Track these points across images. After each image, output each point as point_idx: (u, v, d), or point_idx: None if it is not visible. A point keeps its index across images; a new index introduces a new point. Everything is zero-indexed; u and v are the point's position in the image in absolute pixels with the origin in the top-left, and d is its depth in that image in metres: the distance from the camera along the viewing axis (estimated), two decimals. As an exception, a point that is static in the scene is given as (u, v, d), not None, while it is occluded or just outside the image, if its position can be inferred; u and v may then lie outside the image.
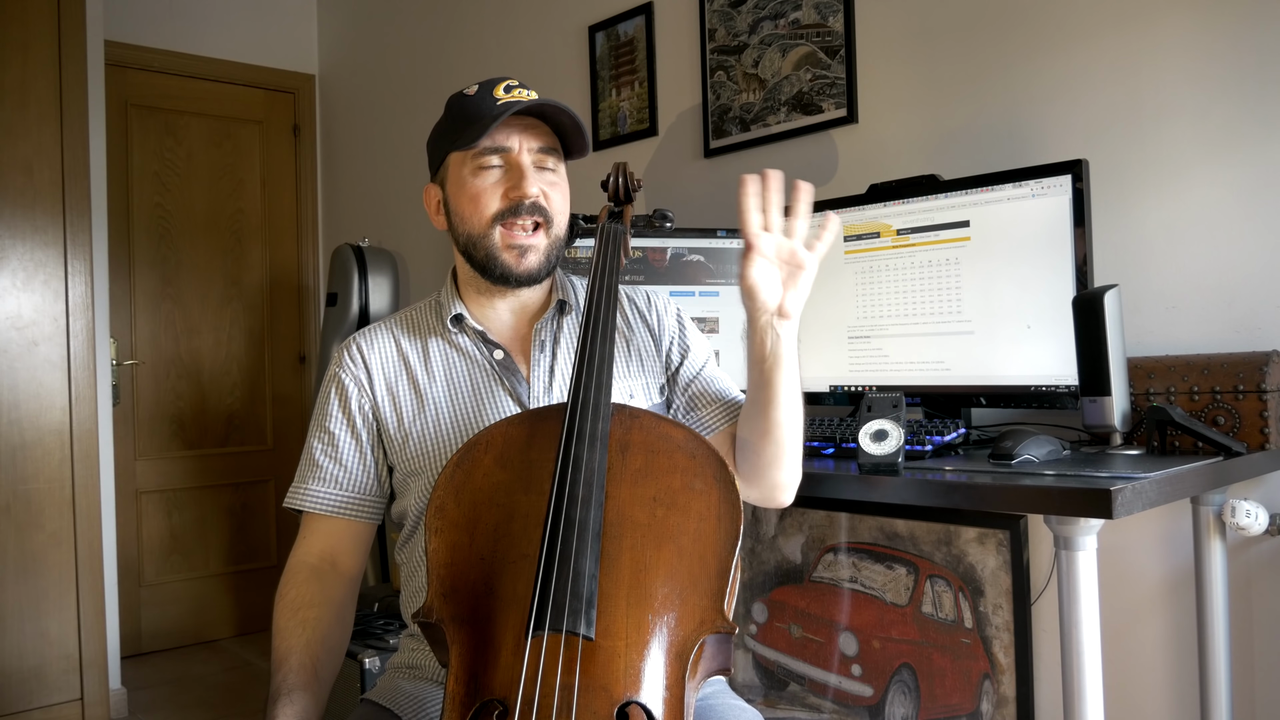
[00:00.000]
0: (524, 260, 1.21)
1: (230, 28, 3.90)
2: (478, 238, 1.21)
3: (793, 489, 1.20)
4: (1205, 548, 1.54)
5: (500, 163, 1.20)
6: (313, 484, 1.24)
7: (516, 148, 1.20)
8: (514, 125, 1.20)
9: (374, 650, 2.42)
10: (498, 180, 1.20)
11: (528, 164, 1.20)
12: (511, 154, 1.20)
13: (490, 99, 1.20)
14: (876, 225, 1.83)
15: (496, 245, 1.20)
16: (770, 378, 1.10)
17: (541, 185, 1.21)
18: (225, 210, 3.91)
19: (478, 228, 1.21)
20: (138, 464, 3.69)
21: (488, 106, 1.19)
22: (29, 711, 2.68)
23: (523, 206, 1.19)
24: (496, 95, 1.20)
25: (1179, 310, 1.66)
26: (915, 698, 1.90)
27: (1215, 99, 1.62)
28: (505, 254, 1.20)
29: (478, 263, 1.23)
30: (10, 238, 2.70)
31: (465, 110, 1.21)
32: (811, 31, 2.21)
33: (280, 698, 1.05)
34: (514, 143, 1.20)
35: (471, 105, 1.21)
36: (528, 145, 1.21)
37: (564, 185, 1.25)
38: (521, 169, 1.20)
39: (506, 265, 1.21)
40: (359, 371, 1.26)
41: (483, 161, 1.20)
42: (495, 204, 1.20)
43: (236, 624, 3.89)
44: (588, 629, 0.89)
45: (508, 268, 1.21)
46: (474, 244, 1.22)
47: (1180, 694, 1.65)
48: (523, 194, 1.19)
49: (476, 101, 1.21)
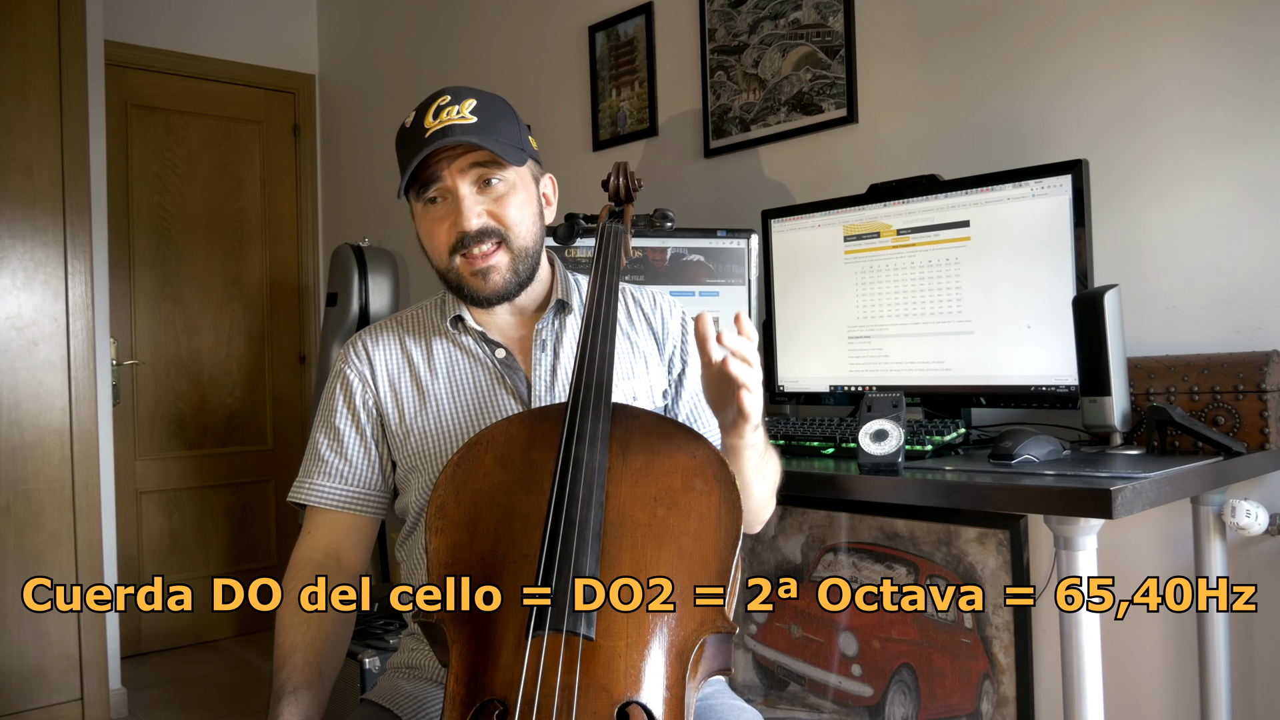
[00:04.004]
0: (488, 282, 1.20)
1: (230, 28, 3.90)
2: (444, 271, 1.23)
3: (760, 523, 1.21)
4: (1205, 548, 1.54)
5: (438, 195, 1.19)
6: (318, 479, 1.24)
7: (449, 178, 1.17)
8: (443, 153, 1.17)
9: (374, 650, 2.41)
10: (442, 214, 1.20)
11: (465, 192, 1.18)
12: (445, 184, 1.18)
13: (419, 131, 1.17)
14: (876, 225, 1.83)
15: (461, 275, 1.21)
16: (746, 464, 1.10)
17: (486, 206, 1.18)
18: (225, 210, 3.91)
19: (441, 261, 1.22)
20: (138, 464, 3.69)
21: (416, 141, 1.16)
22: (29, 711, 2.67)
23: (467, 238, 1.18)
24: (425, 125, 1.16)
25: (1179, 310, 1.66)
26: (915, 698, 1.90)
27: (1215, 99, 1.62)
28: (471, 280, 1.21)
29: (453, 289, 1.25)
30: (10, 238, 2.70)
31: (402, 147, 1.20)
32: (811, 31, 2.21)
33: (284, 696, 1.05)
34: (444, 173, 1.17)
35: (405, 141, 1.19)
36: (459, 168, 1.17)
37: (518, 191, 1.21)
38: (459, 200, 1.18)
39: (475, 289, 1.21)
40: (364, 367, 1.27)
41: (425, 197, 1.20)
42: (445, 238, 1.20)
43: (236, 624, 3.89)
44: (588, 629, 0.89)
45: (476, 291, 1.21)
46: (444, 276, 1.24)
47: (1180, 694, 1.65)
48: (462, 229, 1.18)
49: (410, 135, 1.18)
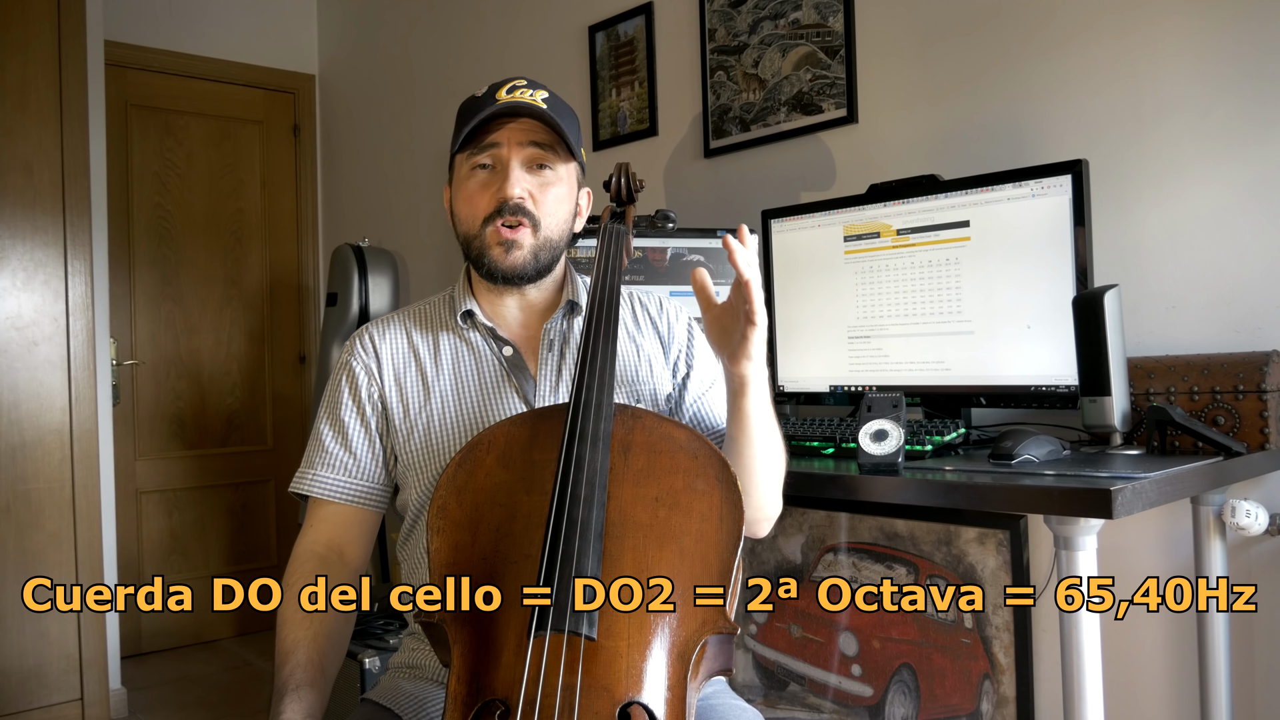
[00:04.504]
0: (509, 255, 1.20)
1: (230, 28, 3.90)
2: (472, 236, 1.22)
3: (769, 523, 1.21)
4: (1205, 548, 1.54)
5: (491, 162, 1.21)
6: (321, 470, 1.23)
7: (505, 146, 1.20)
8: (507, 124, 1.20)
9: (374, 650, 2.41)
10: (488, 180, 1.21)
11: (515, 163, 1.19)
12: (500, 151, 1.20)
13: (490, 100, 1.20)
14: (876, 225, 1.83)
15: (487, 242, 1.21)
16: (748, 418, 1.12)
17: (529, 185, 1.20)
18: (225, 210, 3.91)
19: (472, 227, 1.22)
20: (138, 464, 3.69)
21: (485, 107, 1.19)
22: (29, 711, 2.67)
23: (506, 207, 1.19)
24: (499, 97, 1.20)
25: (1179, 310, 1.66)
26: (915, 698, 1.90)
27: (1215, 99, 1.62)
28: (494, 250, 1.21)
29: (473, 259, 1.24)
30: (10, 238, 2.70)
31: (468, 111, 1.22)
32: (811, 31, 2.21)
33: (287, 694, 1.05)
34: (503, 142, 1.20)
35: (473, 106, 1.21)
36: (517, 142, 1.20)
37: (561, 185, 1.23)
38: (508, 168, 1.19)
39: (494, 260, 1.21)
40: (369, 360, 1.27)
41: (475, 161, 1.21)
42: (484, 204, 1.20)
43: (236, 624, 3.89)
44: (589, 629, 0.89)
45: (495, 262, 1.21)
46: (469, 242, 1.23)
47: (1180, 694, 1.65)
48: (505, 195, 1.18)
49: (479, 102, 1.21)
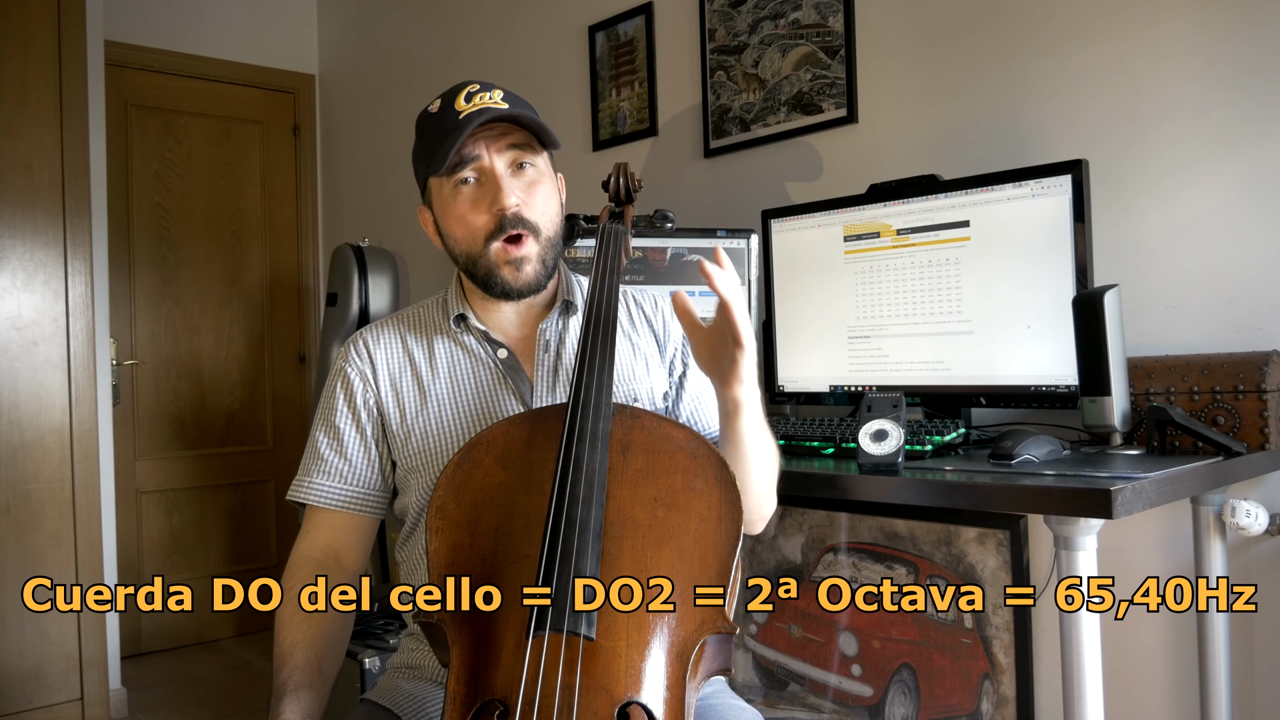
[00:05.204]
0: (521, 272, 1.20)
1: (230, 28, 3.90)
2: (475, 257, 1.21)
3: (763, 522, 1.21)
4: (1205, 548, 1.54)
5: (474, 176, 1.19)
6: (317, 477, 1.23)
7: (486, 157, 1.18)
8: (479, 133, 1.18)
9: (374, 650, 2.41)
10: (477, 196, 1.19)
11: (502, 171, 1.18)
12: (483, 163, 1.18)
13: (452, 113, 1.17)
14: (876, 225, 1.83)
15: (494, 262, 1.20)
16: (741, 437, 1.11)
17: (519, 192, 1.19)
18: (225, 210, 3.91)
19: (473, 247, 1.20)
20: (138, 464, 3.69)
21: (450, 123, 1.17)
22: (29, 711, 2.68)
23: (505, 221, 1.17)
24: (458, 108, 1.17)
25: (1179, 310, 1.66)
26: (915, 698, 1.90)
27: (1215, 99, 1.62)
28: (504, 270, 1.20)
29: (479, 280, 1.23)
30: (10, 238, 2.70)
31: (432, 130, 1.20)
32: (811, 31, 2.21)
33: (285, 695, 1.05)
34: (481, 151, 1.18)
35: (436, 124, 1.19)
36: (497, 149, 1.18)
37: (546, 180, 1.22)
38: (497, 179, 1.18)
39: (506, 281, 1.20)
40: (364, 366, 1.26)
41: (458, 178, 1.19)
42: (482, 222, 1.19)
43: (236, 624, 3.89)
44: (588, 629, 0.89)
45: (508, 283, 1.20)
46: (473, 263, 1.21)
47: (1180, 694, 1.65)
48: (502, 207, 1.17)
49: (440, 119, 1.19)
